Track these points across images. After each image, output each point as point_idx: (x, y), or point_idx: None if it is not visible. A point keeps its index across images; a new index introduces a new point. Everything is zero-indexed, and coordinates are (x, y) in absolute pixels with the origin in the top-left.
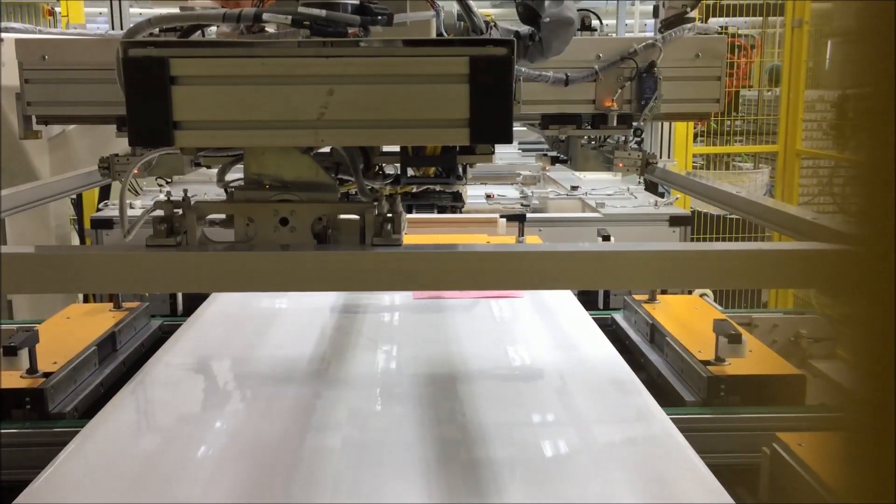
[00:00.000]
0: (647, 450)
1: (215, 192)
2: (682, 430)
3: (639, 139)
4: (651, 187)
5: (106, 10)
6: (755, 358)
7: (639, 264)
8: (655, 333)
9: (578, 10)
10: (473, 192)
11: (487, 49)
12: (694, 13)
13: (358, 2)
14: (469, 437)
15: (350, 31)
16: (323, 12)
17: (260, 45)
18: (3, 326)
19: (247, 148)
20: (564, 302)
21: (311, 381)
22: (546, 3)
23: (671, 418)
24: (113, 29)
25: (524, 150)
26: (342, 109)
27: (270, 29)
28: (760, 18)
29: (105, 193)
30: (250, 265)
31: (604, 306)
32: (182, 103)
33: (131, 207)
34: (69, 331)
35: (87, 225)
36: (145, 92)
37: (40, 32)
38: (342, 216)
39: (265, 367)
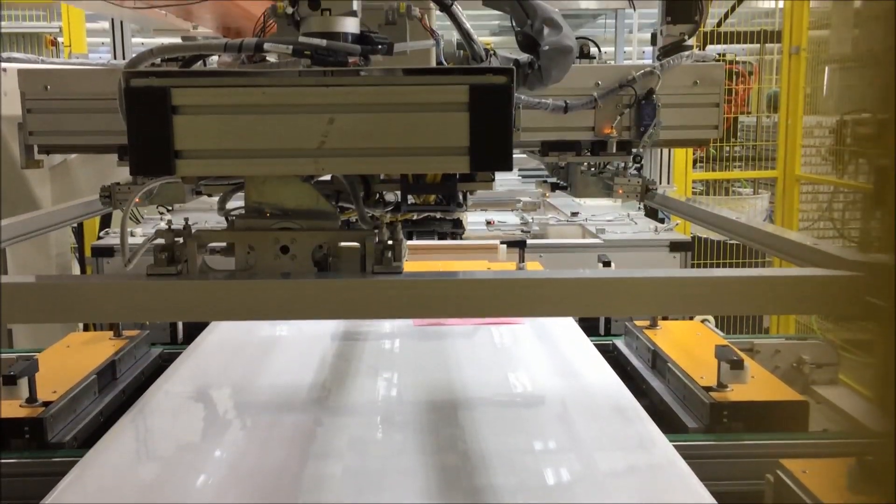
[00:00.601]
0: (650, 477)
1: (216, 220)
2: (685, 457)
3: (638, 165)
4: (651, 213)
5: (108, 40)
6: (758, 384)
7: (639, 291)
8: (657, 359)
9: (577, 38)
10: (473, 219)
11: (487, 77)
12: (692, 41)
13: (358, 31)
14: (470, 465)
15: (350, 60)
16: (323, 42)
17: (261, 74)
18: (3, 355)
19: (247, 176)
20: (566, 328)
21: (312, 409)
22: (545, 32)
23: (674, 445)
24: (115, 59)
25: (524, 177)
26: (343, 138)
27: (272, 58)
28: (758, 46)
29: (106, 222)
30: (251, 293)
31: (605, 332)
32: (183, 132)
33: (132, 235)
34: (69, 359)
35: (87, 253)
36: (147, 121)
37: (42, 62)
38: (343, 244)
39: (266, 395)
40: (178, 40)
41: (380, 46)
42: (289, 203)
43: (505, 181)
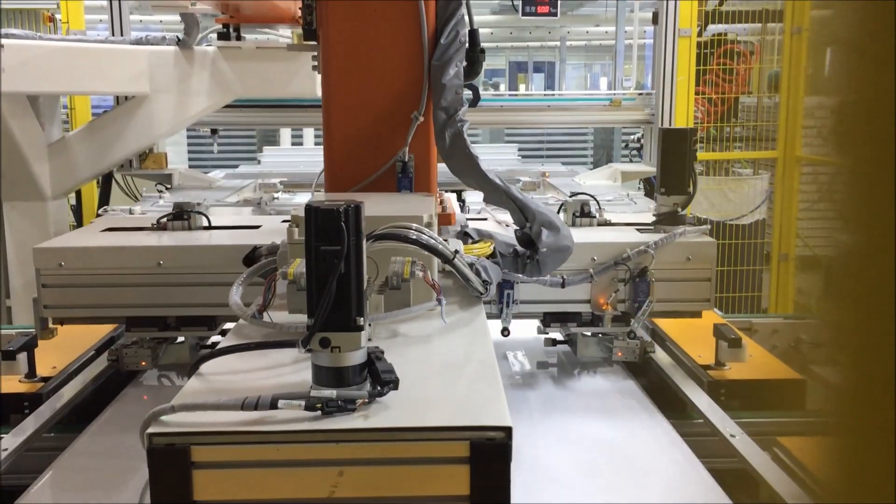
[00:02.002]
0: (650, 454)
1: (215, 199)
2: (683, 435)
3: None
4: (650, 193)
5: (106, 17)
6: (756, 363)
7: None
8: (655, 337)
9: (579, 194)
10: (472, 199)
11: (486, 434)
12: (685, 211)
13: (365, 359)
14: None
15: (358, 403)
16: (333, 393)
17: (275, 433)
18: (3, 331)
19: None
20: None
21: None
22: (543, 235)
23: (671, 422)
24: (113, 34)
25: (524, 157)
26: (352, 488)
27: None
28: (759, 25)
29: (105, 199)
30: None
31: None
32: (202, 485)
33: (130, 213)
34: (68, 335)
35: None
36: (168, 476)
37: (40, 39)
38: None
39: None
40: (175, 17)
41: (387, 386)
42: None
43: (505, 161)
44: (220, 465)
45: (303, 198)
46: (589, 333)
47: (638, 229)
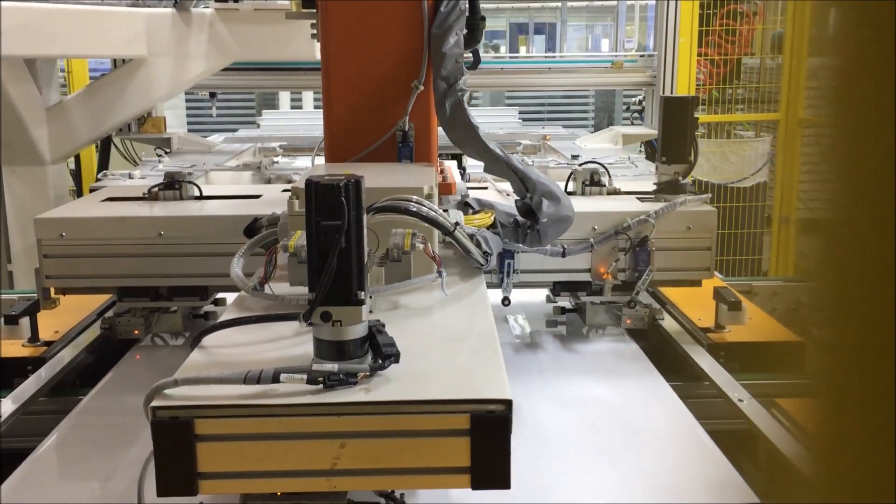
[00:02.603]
0: (649, 414)
1: (214, 163)
2: (682, 397)
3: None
4: (651, 156)
5: None
6: (755, 325)
7: None
8: (657, 301)
9: (591, 162)
10: (472, 163)
11: (487, 406)
12: (687, 179)
13: (366, 332)
14: None
15: (360, 376)
16: (335, 367)
17: (277, 406)
18: (4, 296)
19: None
20: None
21: None
22: (544, 205)
23: (671, 385)
24: None
25: (525, 120)
26: (353, 460)
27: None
28: None
29: (104, 163)
30: None
31: None
32: (206, 457)
33: (130, 178)
34: (71, 300)
35: (85, 193)
36: (172, 448)
37: (36, 1)
38: None
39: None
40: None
41: (388, 359)
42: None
43: (505, 124)
44: (224, 438)
45: (303, 162)
46: (598, 302)
47: (639, 198)
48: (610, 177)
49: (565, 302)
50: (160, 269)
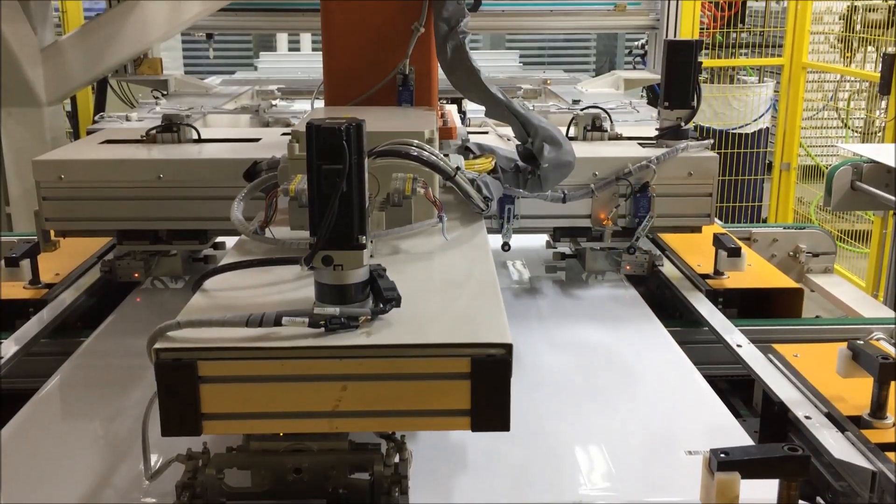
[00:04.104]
0: (646, 359)
1: (212, 106)
2: (680, 342)
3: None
4: (653, 101)
5: None
6: (754, 272)
7: None
8: (657, 247)
9: (592, 107)
10: (473, 114)
11: (487, 350)
12: (689, 125)
13: (367, 276)
14: None
15: (361, 320)
16: (336, 310)
17: (279, 349)
18: (4, 239)
19: None
20: None
21: None
22: (545, 150)
23: (669, 330)
24: None
25: (526, 64)
26: (355, 402)
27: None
28: None
29: (100, 105)
30: None
31: None
32: (209, 399)
33: (127, 120)
34: (71, 243)
35: (83, 136)
36: (176, 389)
37: None
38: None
39: None
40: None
41: (390, 303)
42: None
43: (506, 68)
44: (226, 380)
45: (301, 105)
46: (598, 248)
47: (640, 144)
48: (612, 122)
49: (565, 248)
50: (159, 212)
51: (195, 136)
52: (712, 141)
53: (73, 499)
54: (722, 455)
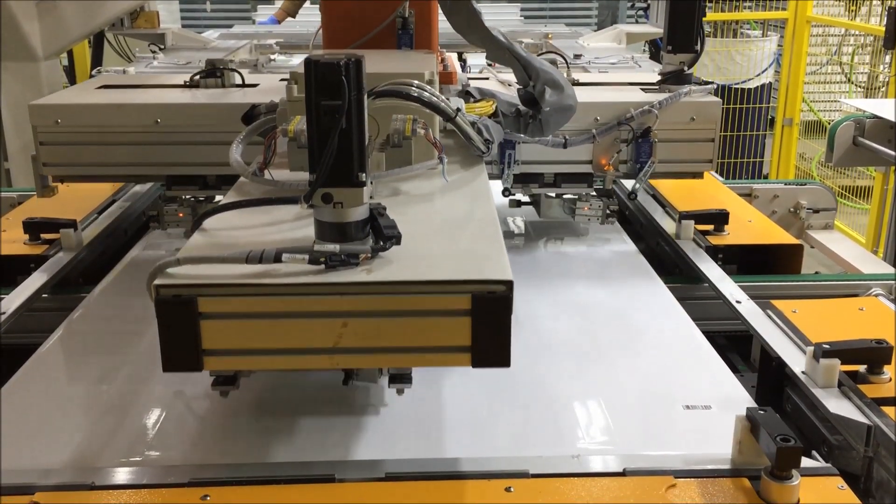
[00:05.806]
0: (645, 315)
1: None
2: (679, 298)
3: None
4: (655, 56)
5: None
6: (754, 228)
7: None
8: (657, 202)
9: (548, 52)
10: (473, 62)
11: (488, 287)
12: (692, 70)
13: (368, 215)
14: None
15: (361, 257)
16: (336, 247)
17: (279, 285)
18: (4, 194)
19: None
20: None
21: None
22: (547, 93)
23: (668, 287)
24: None
25: (526, 17)
26: (355, 338)
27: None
28: None
29: (97, 60)
30: None
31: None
32: (210, 335)
33: (124, 74)
34: (71, 198)
35: None
36: (176, 325)
37: None
38: None
39: None
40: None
41: (390, 241)
42: None
43: (506, 21)
44: (227, 316)
45: (300, 59)
46: (553, 195)
47: (643, 89)
48: (569, 68)
49: (520, 195)
50: (158, 157)
51: (239, 81)
52: (715, 85)
53: (75, 455)
54: None
